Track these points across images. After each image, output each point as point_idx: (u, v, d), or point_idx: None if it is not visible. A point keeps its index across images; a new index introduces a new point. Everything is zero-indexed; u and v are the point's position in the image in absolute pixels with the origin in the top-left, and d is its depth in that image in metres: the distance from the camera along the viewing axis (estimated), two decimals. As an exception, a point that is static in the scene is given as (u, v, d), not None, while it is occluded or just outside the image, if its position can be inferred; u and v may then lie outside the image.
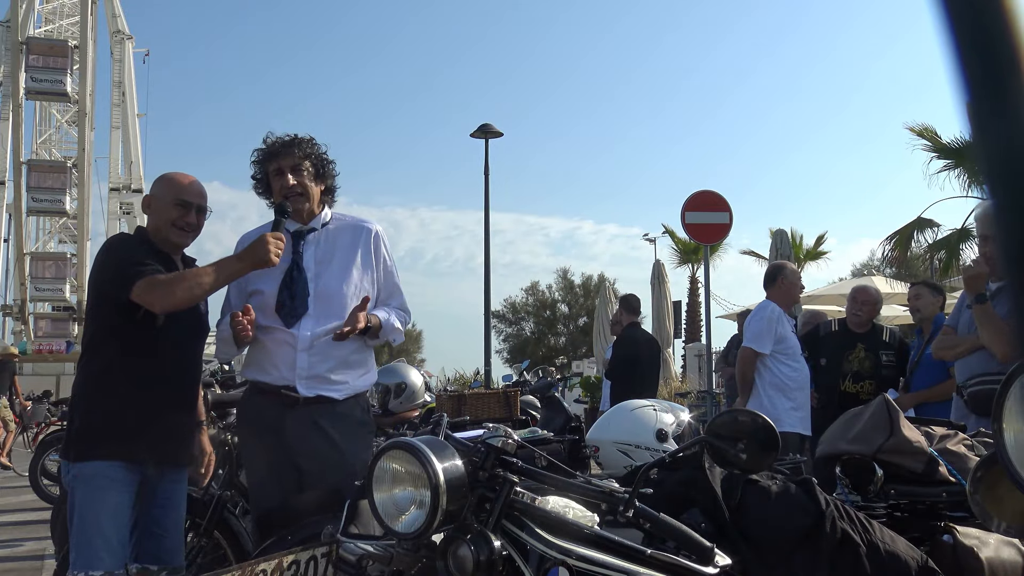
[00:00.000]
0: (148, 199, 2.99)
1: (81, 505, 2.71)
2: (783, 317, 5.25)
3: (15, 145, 40.88)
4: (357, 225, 3.24)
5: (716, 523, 2.13)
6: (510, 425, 3.93)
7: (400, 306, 3.27)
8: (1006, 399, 1.33)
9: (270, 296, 3.07)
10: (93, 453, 2.74)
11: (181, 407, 2.96)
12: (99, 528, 2.68)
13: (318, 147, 3.18)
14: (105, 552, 2.66)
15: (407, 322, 3.32)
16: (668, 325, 14.34)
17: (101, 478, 2.71)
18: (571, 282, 45.53)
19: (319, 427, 3.03)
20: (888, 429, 2.64)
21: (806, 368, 5.23)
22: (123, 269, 2.77)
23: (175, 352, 2.91)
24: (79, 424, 2.83)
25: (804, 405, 5.15)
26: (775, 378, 5.11)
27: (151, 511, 2.87)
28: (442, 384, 18.86)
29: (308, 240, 3.15)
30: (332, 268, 3.12)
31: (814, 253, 21.46)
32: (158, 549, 2.88)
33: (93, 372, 2.85)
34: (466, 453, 1.96)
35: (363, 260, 3.17)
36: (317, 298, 3.07)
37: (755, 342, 5.19)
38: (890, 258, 13.31)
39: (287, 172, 3.09)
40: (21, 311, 41.62)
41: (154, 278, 2.75)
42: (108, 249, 2.96)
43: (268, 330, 3.07)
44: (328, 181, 3.22)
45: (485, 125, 16.01)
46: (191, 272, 2.88)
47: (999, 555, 2.23)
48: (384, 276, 3.23)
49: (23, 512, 8.34)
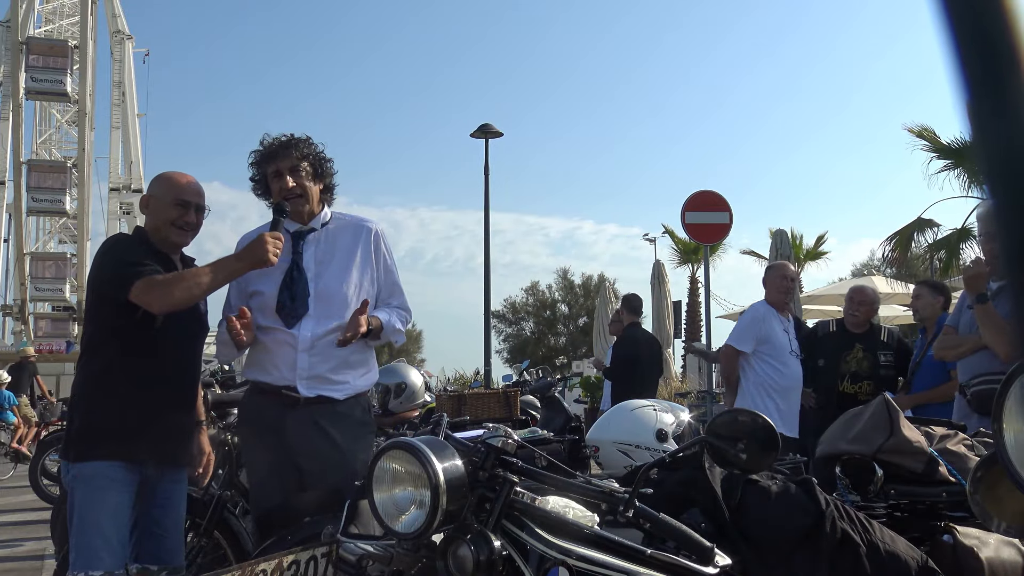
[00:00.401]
0: (146, 199, 2.99)
1: (81, 505, 2.70)
2: (771, 317, 5.28)
3: (15, 145, 40.86)
4: (357, 224, 3.23)
5: (716, 523, 2.13)
6: (510, 425, 3.93)
7: (400, 305, 3.27)
8: (1006, 399, 1.33)
9: (270, 297, 3.07)
10: (93, 453, 2.74)
11: (181, 407, 2.95)
12: (99, 528, 2.67)
13: (315, 146, 3.18)
14: (105, 552, 2.66)
15: (408, 321, 3.31)
16: (668, 325, 14.34)
17: (101, 478, 2.71)
18: (571, 282, 45.56)
19: (320, 427, 3.03)
20: (888, 429, 2.64)
21: (795, 369, 5.23)
22: (121, 269, 2.77)
23: (175, 352, 2.91)
24: (79, 424, 2.83)
25: (790, 406, 5.15)
26: (758, 377, 5.17)
27: (151, 511, 2.87)
28: (442, 384, 18.85)
29: (308, 240, 3.14)
30: (332, 268, 3.12)
31: (814, 253, 21.47)
32: (158, 549, 2.88)
33: (93, 372, 2.85)
34: (466, 453, 1.96)
35: (363, 259, 3.16)
36: (317, 298, 3.07)
37: (735, 340, 5.34)
38: (890, 258, 13.30)
39: (285, 174, 3.09)
40: (21, 311, 41.58)
41: (152, 278, 2.74)
42: (106, 249, 2.96)
43: (269, 330, 3.07)
44: (327, 180, 3.22)
45: (485, 125, 16.02)
46: (190, 272, 2.88)
47: (999, 555, 2.23)
48: (384, 275, 3.22)
49: (23, 512, 8.34)
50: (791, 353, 5.23)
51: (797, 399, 5.23)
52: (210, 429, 4.25)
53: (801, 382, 5.27)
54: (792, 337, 5.32)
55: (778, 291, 5.39)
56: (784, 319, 5.35)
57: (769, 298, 5.39)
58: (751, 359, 5.22)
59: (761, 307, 5.38)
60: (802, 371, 5.35)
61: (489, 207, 16.54)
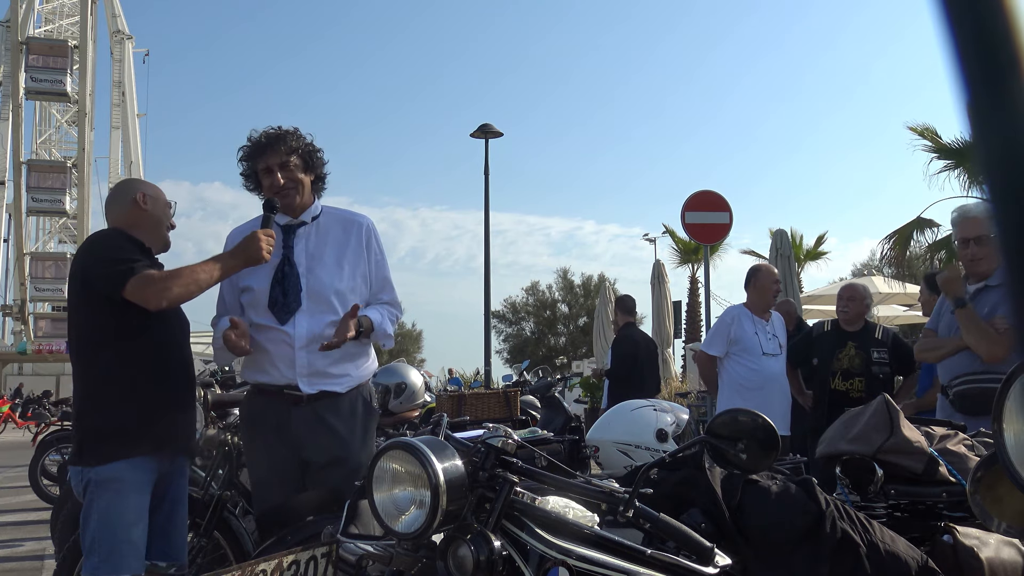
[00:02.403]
0: (145, 197, 2.94)
1: (106, 509, 2.68)
2: (744, 318, 5.37)
3: (15, 145, 40.88)
4: (348, 219, 3.22)
5: (716, 523, 2.13)
6: (510, 425, 3.93)
7: (391, 301, 3.26)
8: (1006, 399, 1.33)
9: (261, 292, 3.07)
10: (112, 454, 2.70)
11: (185, 398, 2.97)
12: (126, 532, 2.67)
13: (303, 138, 3.16)
14: (132, 556, 2.67)
15: (398, 318, 3.32)
16: (668, 325, 14.33)
17: (121, 481, 2.69)
18: (571, 282, 45.56)
19: (325, 421, 3.03)
20: (888, 429, 2.64)
21: (770, 368, 5.27)
22: (114, 266, 2.72)
23: (172, 345, 2.92)
24: (91, 427, 2.78)
25: (768, 404, 5.15)
26: (731, 378, 5.31)
27: (163, 508, 2.88)
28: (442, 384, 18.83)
29: (299, 234, 3.13)
30: (324, 262, 3.11)
31: (814, 253, 21.44)
32: (168, 547, 2.88)
33: (96, 373, 2.81)
34: (466, 453, 1.96)
35: (355, 254, 3.15)
36: (309, 293, 3.06)
37: (706, 345, 5.62)
38: (890, 258, 13.30)
39: (275, 170, 3.09)
40: (21, 311, 41.60)
41: (147, 274, 2.72)
42: (92, 246, 2.90)
43: (263, 329, 3.06)
44: (317, 170, 3.21)
45: (485, 125, 16.02)
46: (187, 269, 2.84)
47: (999, 555, 2.23)
48: (376, 270, 3.21)
49: (23, 512, 8.34)
50: (765, 354, 5.28)
51: (778, 397, 5.24)
52: (210, 429, 4.26)
53: (781, 380, 5.32)
54: (769, 337, 5.35)
55: (770, 295, 5.48)
56: (761, 320, 5.40)
57: (752, 301, 5.47)
58: (725, 361, 5.38)
59: (734, 310, 5.52)
60: (788, 369, 5.40)
61: (489, 207, 16.57)
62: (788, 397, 5.38)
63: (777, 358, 5.33)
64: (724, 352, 5.36)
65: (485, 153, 16.32)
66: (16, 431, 24.25)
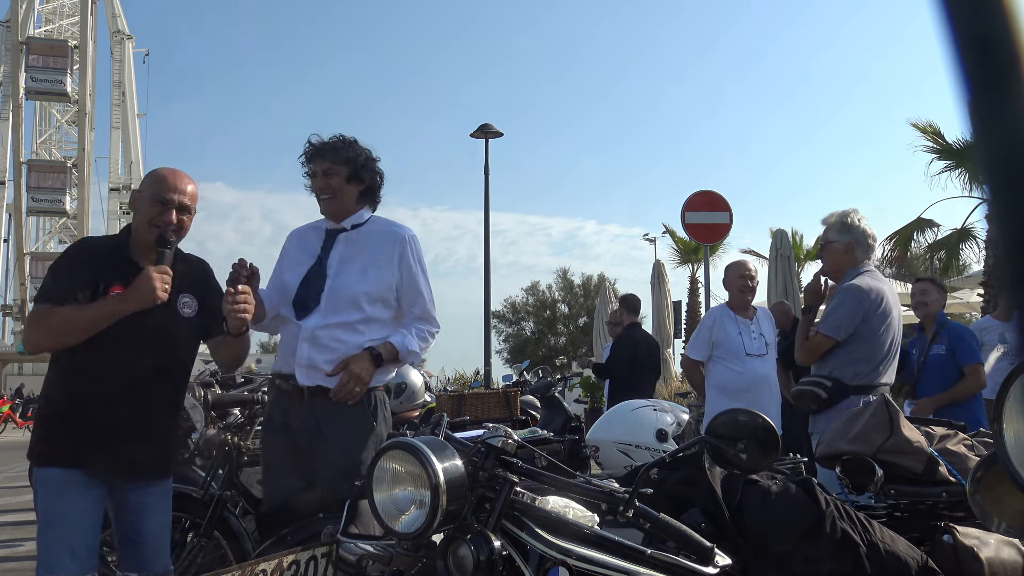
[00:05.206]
0: (134, 195, 2.89)
1: (43, 510, 2.65)
2: (726, 320, 5.28)
3: (15, 145, 40.91)
4: (389, 230, 3.26)
5: (716, 523, 2.13)
6: (510, 425, 3.93)
7: (422, 315, 3.23)
8: (1006, 399, 1.33)
9: (291, 287, 3.19)
10: (49, 459, 2.68)
11: (138, 417, 2.72)
12: (62, 533, 2.60)
13: (355, 149, 3.22)
14: (69, 558, 2.57)
15: (431, 333, 3.26)
16: (668, 325, 14.34)
17: (59, 483, 2.64)
18: (571, 282, 45.55)
19: (316, 421, 3.04)
20: (888, 429, 2.64)
21: (754, 368, 5.19)
22: (42, 288, 2.71)
23: (128, 362, 2.70)
24: (36, 427, 2.82)
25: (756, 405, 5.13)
26: (716, 381, 5.24)
27: (126, 516, 2.77)
28: (442, 384, 18.85)
29: (339, 240, 3.23)
30: (351, 268, 3.17)
31: (814, 253, 21.42)
32: (136, 556, 2.78)
33: (50, 378, 2.79)
34: (466, 453, 1.96)
35: (384, 263, 3.18)
36: (329, 294, 3.12)
37: (689, 350, 5.58)
38: (890, 258, 13.30)
39: (319, 175, 3.20)
40: (21, 311, 41.60)
41: (39, 311, 2.68)
42: (59, 256, 2.84)
43: (286, 321, 3.19)
44: (368, 182, 3.26)
45: (485, 125, 16.03)
46: (65, 312, 2.66)
47: (999, 555, 2.23)
48: (407, 282, 3.19)
49: (23, 512, 8.33)
50: (749, 355, 5.19)
51: (767, 398, 5.13)
52: (210, 429, 4.25)
53: (769, 381, 5.23)
54: (754, 336, 5.26)
55: (738, 291, 5.37)
56: (745, 319, 5.30)
57: (730, 299, 5.41)
58: (709, 365, 5.30)
59: (716, 311, 5.44)
60: (779, 369, 5.38)
61: (489, 207, 16.57)
62: (778, 398, 5.26)
63: (764, 358, 5.23)
64: (707, 355, 5.27)
65: (485, 153, 16.34)
66: (16, 431, 24.28)
